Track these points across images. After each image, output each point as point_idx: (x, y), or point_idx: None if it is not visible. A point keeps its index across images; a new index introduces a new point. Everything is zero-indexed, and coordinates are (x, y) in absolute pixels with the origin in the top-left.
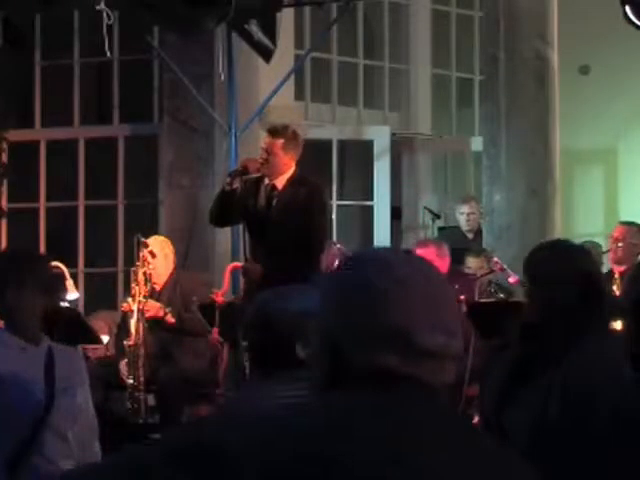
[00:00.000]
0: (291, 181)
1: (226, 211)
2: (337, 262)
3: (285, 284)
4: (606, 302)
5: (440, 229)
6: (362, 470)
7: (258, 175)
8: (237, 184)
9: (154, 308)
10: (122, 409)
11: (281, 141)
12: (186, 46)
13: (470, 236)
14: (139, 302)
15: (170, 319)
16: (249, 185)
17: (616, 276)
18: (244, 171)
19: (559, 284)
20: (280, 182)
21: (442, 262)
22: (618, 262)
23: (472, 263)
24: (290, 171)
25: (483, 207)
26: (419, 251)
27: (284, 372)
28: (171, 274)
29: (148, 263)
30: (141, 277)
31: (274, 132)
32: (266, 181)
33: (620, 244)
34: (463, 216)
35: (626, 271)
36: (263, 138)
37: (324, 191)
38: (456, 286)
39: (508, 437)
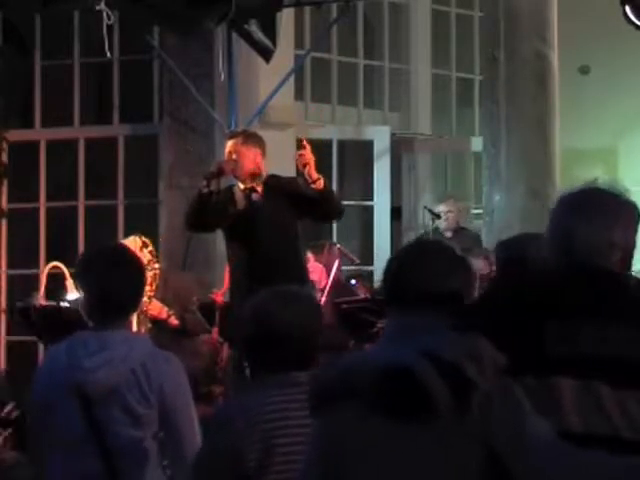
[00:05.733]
0: (269, 180)
1: (203, 215)
2: (337, 263)
3: (280, 282)
4: None
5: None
6: None
7: (232, 183)
8: (213, 186)
9: (157, 308)
10: None
11: (240, 138)
12: (186, 46)
13: (448, 235)
14: (142, 302)
15: (173, 321)
16: (223, 193)
17: None
18: (220, 172)
19: None
20: (259, 186)
21: None
22: None
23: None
24: (263, 175)
25: (483, 207)
26: None
27: (281, 375)
28: (154, 275)
29: (153, 263)
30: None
31: (232, 135)
32: (241, 186)
33: None
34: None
35: None
36: (227, 146)
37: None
38: None
39: None
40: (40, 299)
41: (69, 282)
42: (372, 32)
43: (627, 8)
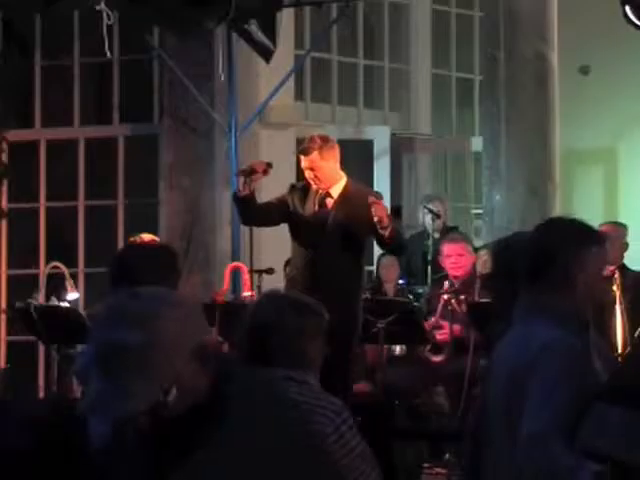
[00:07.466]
0: (347, 190)
1: (249, 213)
2: None
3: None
4: None
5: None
6: None
7: (264, 175)
8: (247, 189)
9: None
10: None
11: (316, 154)
12: (186, 46)
13: (437, 235)
14: None
15: None
16: (297, 190)
17: (615, 276)
18: (252, 171)
19: None
20: (335, 191)
21: (469, 258)
22: (610, 263)
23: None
24: (343, 180)
25: (483, 207)
26: (449, 246)
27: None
28: None
29: None
30: None
31: (305, 151)
32: (314, 187)
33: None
34: (428, 216)
35: (615, 271)
36: (303, 161)
37: (382, 197)
38: (457, 286)
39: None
40: (40, 299)
41: (69, 282)
42: (372, 32)
43: (627, 8)
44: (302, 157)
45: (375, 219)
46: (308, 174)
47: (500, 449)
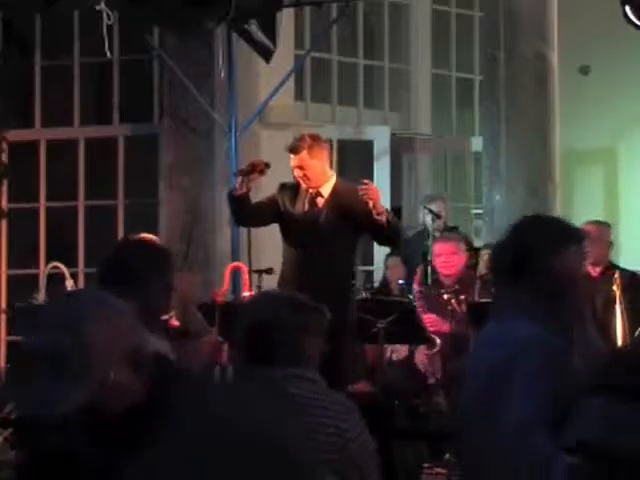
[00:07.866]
0: (337, 189)
1: (243, 213)
2: None
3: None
4: None
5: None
6: None
7: (261, 174)
8: (244, 188)
9: None
10: None
11: (305, 153)
12: (186, 46)
13: (437, 235)
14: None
15: (174, 322)
16: (287, 190)
17: (616, 275)
18: (252, 170)
19: None
20: (325, 190)
21: (461, 257)
22: (595, 263)
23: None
24: (332, 179)
25: (483, 207)
26: (440, 245)
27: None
28: None
29: None
30: None
31: (294, 149)
32: (304, 186)
33: (597, 243)
34: (429, 216)
35: (603, 271)
36: (292, 159)
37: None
38: (456, 286)
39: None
40: (40, 299)
41: (69, 282)
42: (372, 32)
43: (627, 8)
44: (292, 156)
45: (370, 204)
46: (297, 173)
47: (479, 447)
